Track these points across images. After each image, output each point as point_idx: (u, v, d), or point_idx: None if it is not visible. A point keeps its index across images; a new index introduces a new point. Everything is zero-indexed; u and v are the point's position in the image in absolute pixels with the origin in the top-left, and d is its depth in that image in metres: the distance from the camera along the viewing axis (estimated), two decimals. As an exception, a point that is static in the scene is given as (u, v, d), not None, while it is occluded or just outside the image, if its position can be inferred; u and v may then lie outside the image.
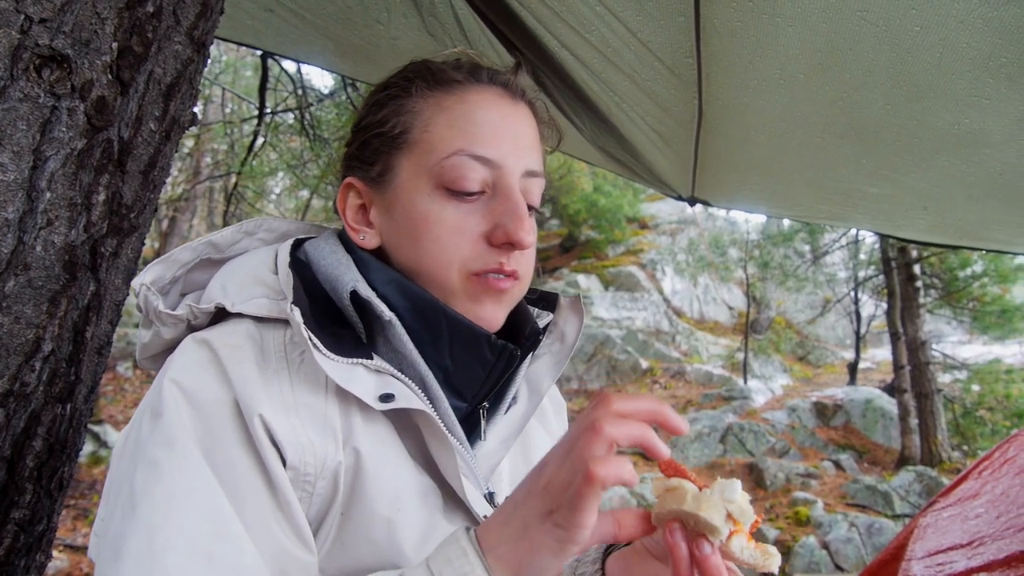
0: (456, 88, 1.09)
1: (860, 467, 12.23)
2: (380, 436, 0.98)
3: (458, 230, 1.03)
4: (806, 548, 8.70)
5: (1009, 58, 1.78)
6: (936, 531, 3.12)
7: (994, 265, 12.02)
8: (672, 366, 18.08)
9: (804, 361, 21.60)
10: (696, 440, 12.08)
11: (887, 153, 2.41)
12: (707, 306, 23.60)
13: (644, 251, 23.43)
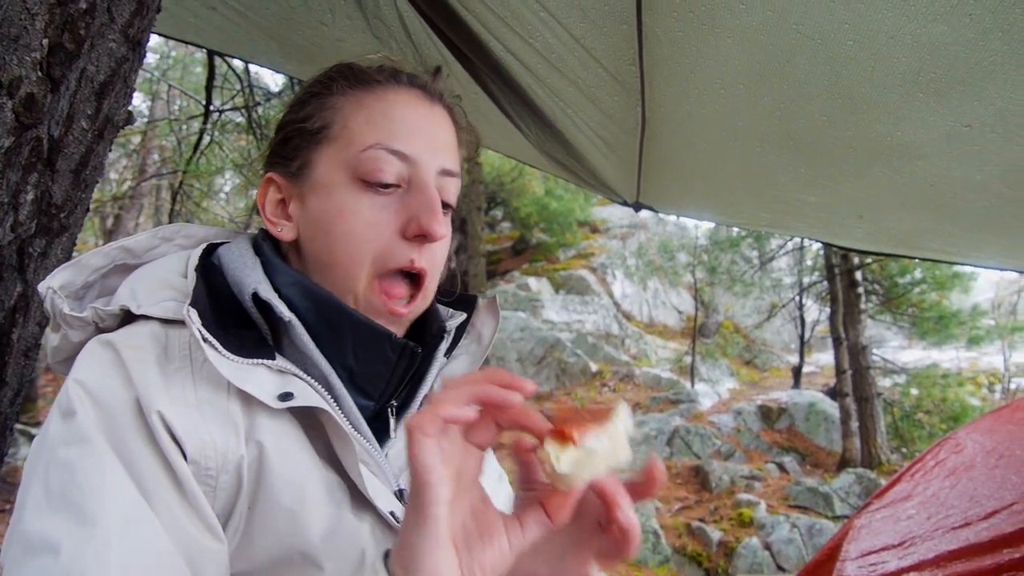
0: (377, 87, 1.12)
1: (803, 469, 12.45)
2: (285, 432, 0.98)
3: (372, 223, 1.05)
4: (749, 549, 8.83)
5: (937, 74, 1.84)
6: (869, 532, 3.19)
7: (932, 273, 12.35)
8: (621, 369, 18.20)
9: (751, 365, 21.91)
10: (643, 443, 12.19)
11: (824, 163, 2.47)
12: (656, 310, 23.81)
13: (595, 255, 23.57)
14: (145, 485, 0.86)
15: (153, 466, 0.87)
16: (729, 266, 15.92)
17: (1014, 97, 1.85)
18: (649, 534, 8.90)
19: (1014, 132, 1.99)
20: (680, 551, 8.93)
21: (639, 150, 2.77)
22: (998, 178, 2.26)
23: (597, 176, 3.15)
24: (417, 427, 0.73)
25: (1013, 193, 2.34)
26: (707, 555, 8.89)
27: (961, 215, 2.61)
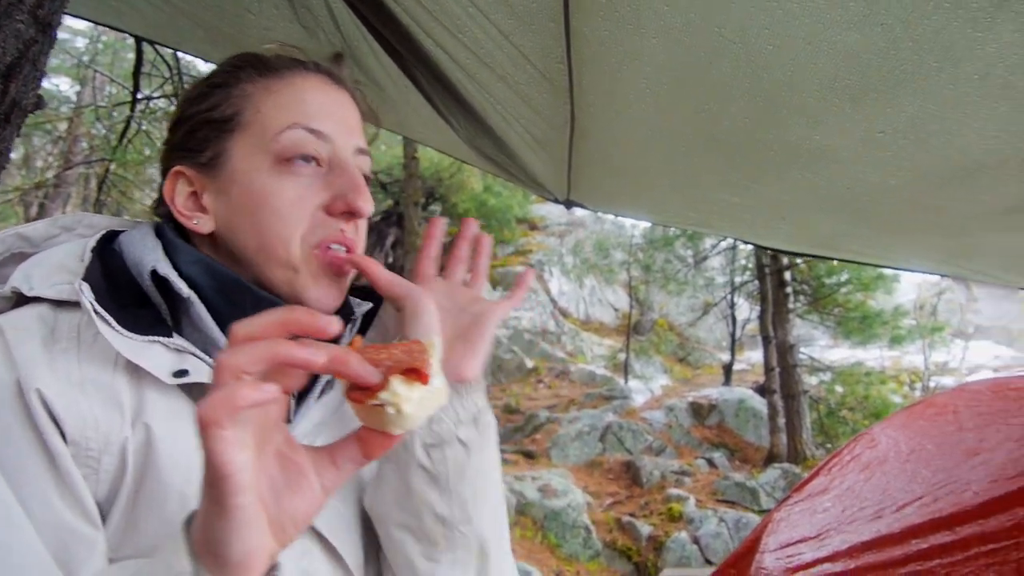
0: (285, 73, 1.12)
1: (732, 465, 12.70)
2: (176, 411, 0.96)
3: (298, 202, 1.05)
4: (678, 543, 8.98)
5: (852, 80, 1.90)
6: (788, 525, 3.28)
7: (857, 274, 12.70)
8: (557, 366, 18.34)
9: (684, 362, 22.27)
10: (576, 439, 12.29)
11: (746, 164, 2.52)
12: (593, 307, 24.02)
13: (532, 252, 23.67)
14: (17, 467, 0.85)
15: (28, 446, 0.86)
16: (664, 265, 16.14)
17: (924, 106, 1.92)
18: (580, 529, 8.99)
19: (924, 140, 2.06)
20: (611, 546, 9.04)
21: (569, 147, 2.79)
22: (910, 184, 2.34)
23: (528, 172, 3.17)
24: (212, 422, 0.64)
25: (925, 198, 2.43)
26: (637, 549, 9.02)
27: (876, 218, 2.69)
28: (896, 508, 2.89)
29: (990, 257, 2.76)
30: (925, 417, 3.40)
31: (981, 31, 1.62)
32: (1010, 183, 2.20)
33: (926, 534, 2.67)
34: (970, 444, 3.00)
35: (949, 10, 1.59)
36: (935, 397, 3.58)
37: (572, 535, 8.86)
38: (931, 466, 3.02)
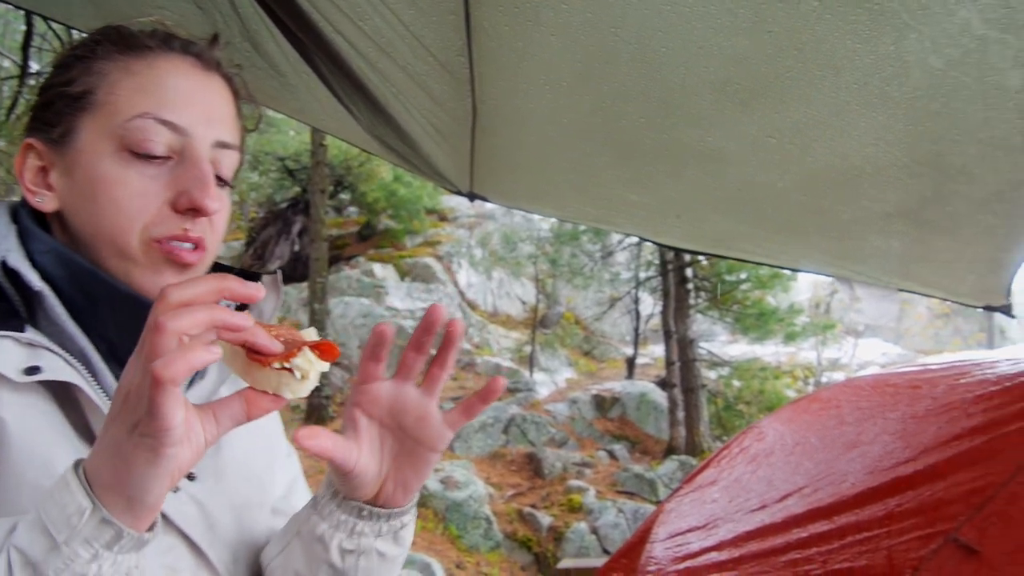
0: (147, 54, 1.06)
1: (632, 457, 12.96)
2: (31, 406, 0.94)
3: (141, 194, 1.00)
4: (577, 534, 9.12)
5: (741, 85, 1.96)
6: (678, 515, 3.37)
7: (755, 272, 13.11)
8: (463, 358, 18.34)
9: (589, 356, 22.56)
10: (480, 431, 12.34)
11: (643, 163, 2.57)
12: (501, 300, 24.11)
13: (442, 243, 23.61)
14: None
15: None
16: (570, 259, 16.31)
17: (808, 112, 1.99)
18: (482, 520, 9.04)
19: (809, 145, 2.14)
20: (511, 536, 9.12)
21: (471, 140, 2.80)
22: (797, 187, 2.43)
23: (431, 164, 3.16)
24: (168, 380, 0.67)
25: (811, 201, 2.53)
26: (537, 540, 9.12)
27: (766, 219, 2.79)
28: (779, 499, 2.99)
29: (871, 259, 2.89)
30: (810, 411, 3.53)
31: (860, 42, 1.69)
32: (887, 190, 2.30)
33: (806, 523, 2.78)
34: (850, 437, 3.13)
35: (831, 21, 1.66)
36: (820, 392, 3.73)
37: (473, 526, 8.90)
38: (813, 458, 3.14)
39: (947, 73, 1.74)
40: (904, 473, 2.71)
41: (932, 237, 2.62)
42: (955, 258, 2.74)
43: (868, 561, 2.50)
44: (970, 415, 2.78)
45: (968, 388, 2.96)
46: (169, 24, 1.13)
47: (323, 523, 1.03)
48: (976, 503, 2.43)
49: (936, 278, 2.95)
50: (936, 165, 2.13)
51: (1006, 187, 2.16)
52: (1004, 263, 2.66)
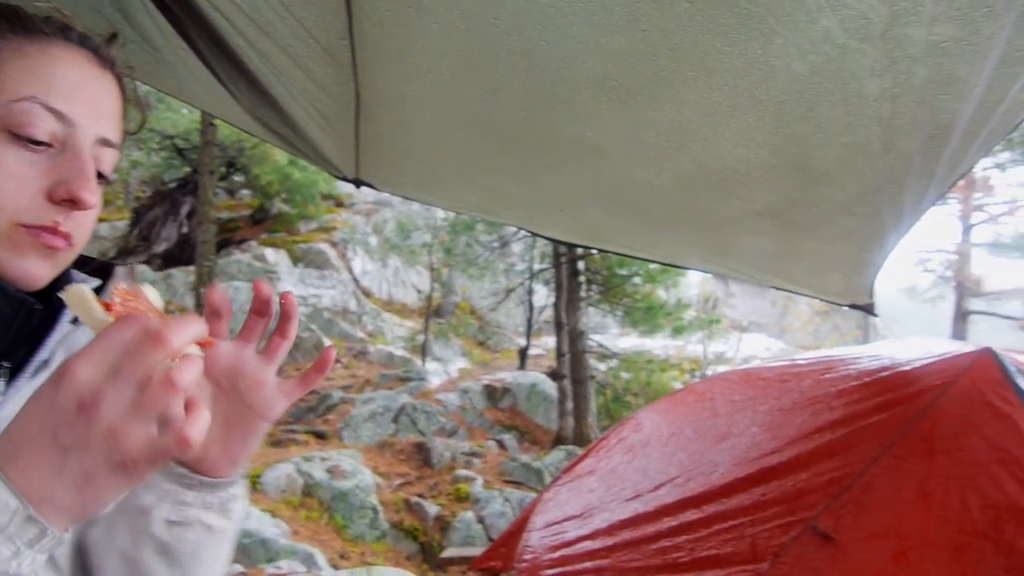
0: (42, 38, 1.01)
1: (521, 447, 13.06)
2: None
3: (16, 177, 0.96)
4: (464, 523, 9.14)
5: (619, 82, 1.99)
6: (555, 504, 3.42)
7: (645, 267, 13.39)
8: (355, 346, 18.15)
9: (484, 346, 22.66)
10: (369, 420, 12.22)
11: (525, 155, 2.59)
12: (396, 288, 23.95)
13: (337, 229, 23.28)
14: None
15: None
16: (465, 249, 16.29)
17: (682, 111, 2.04)
18: (368, 510, 8.96)
19: (684, 144, 2.19)
20: (397, 526, 9.07)
21: (355, 126, 2.76)
22: (673, 184, 2.49)
23: (315, 148, 3.10)
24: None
25: (687, 199, 2.59)
26: (424, 529, 9.10)
27: (645, 215, 2.84)
28: (652, 488, 3.07)
29: (745, 257, 2.98)
30: (686, 403, 3.63)
31: (730, 45, 1.74)
32: (757, 190, 2.38)
33: (676, 512, 2.86)
34: (722, 429, 3.24)
35: (702, 23, 1.69)
36: (696, 385, 3.84)
37: (359, 516, 8.81)
38: (687, 449, 3.24)
39: (811, 79, 1.81)
40: (770, 464, 2.82)
41: (800, 237, 2.72)
42: (821, 258, 2.85)
43: (733, 548, 2.59)
44: (832, 409, 2.91)
45: (832, 383, 3.09)
46: (67, 14, 1.09)
47: (148, 494, 0.99)
48: (834, 492, 2.55)
49: (805, 276, 3.06)
50: (802, 167, 2.21)
51: (866, 191, 2.26)
52: (866, 264, 2.78)
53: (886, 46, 1.67)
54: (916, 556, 2.30)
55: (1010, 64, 1.74)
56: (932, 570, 2.26)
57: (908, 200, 2.30)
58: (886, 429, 2.67)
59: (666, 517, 2.88)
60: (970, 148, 2.07)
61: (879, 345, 3.40)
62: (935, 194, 2.30)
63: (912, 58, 1.71)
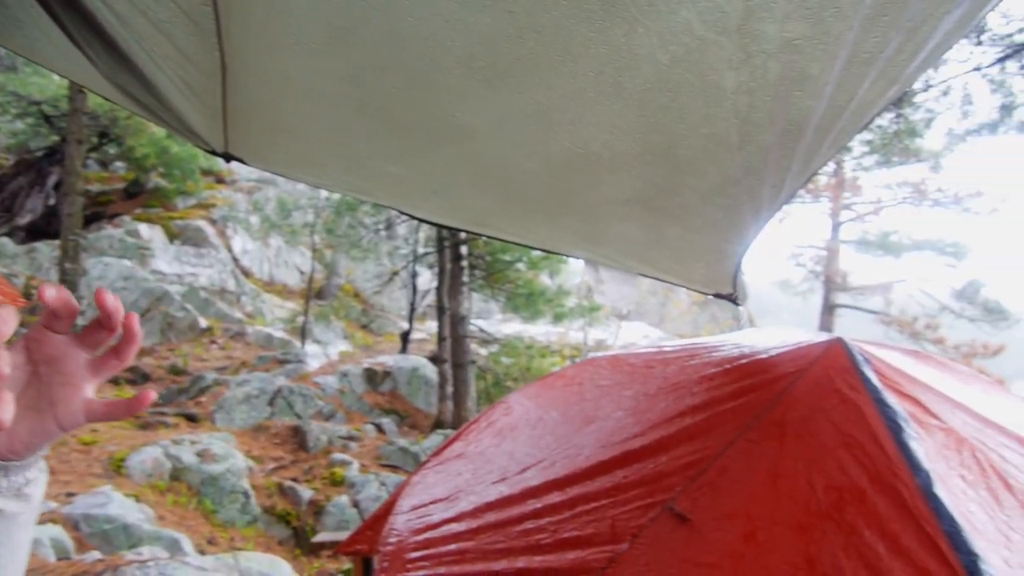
0: None
1: (400, 430, 13.01)
2: None
3: None
4: (338, 507, 9.04)
5: (486, 63, 1.98)
6: (423, 487, 3.40)
7: (528, 254, 13.51)
8: (233, 327, 17.69)
9: (367, 329, 22.44)
10: (244, 402, 11.93)
11: (399, 135, 2.55)
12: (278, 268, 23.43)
13: (216, 206, 22.57)
14: None
15: None
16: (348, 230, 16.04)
17: (549, 95, 2.04)
18: (239, 495, 8.75)
19: (552, 128, 2.20)
20: (270, 511, 8.89)
21: (222, 98, 2.66)
22: (544, 169, 2.49)
23: (181, 119, 2.97)
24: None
25: (558, 184, 2.60)
26: (297, 514, 8.95)
27: (519, 200, 2.84)
28: (519, 471, 3.09)
29: (613, 243, 3.02)
30: (555, 388, 3.67)
31: (594, 31, 1.75)
32: (624, 177, 2.41)
33: (541, 495, 2.88)
34: (588, 413, 3.28)
35: (567, 7, 1.70)
36: (566, 370, 3.88)
37: (230, 501, 8.59)
38: (554, 433, 3.27)
39: (672, 69, 1.84)
40: (632, 447, 2.87)
41: (666, 225, 2.78)
42: (686, 246, 2.92)
43: (594, 529, 2.63)
44: (693, 394, 2.99)
45: (695, 369, 3.18)
46: None
47: None
48: (691, 475, 2.62)
49: (671, 264, 3.13)
50: (666, 156, 2.25)
51: (727, 182, 2.32)
52: (728, 254, 2.86)
53: (742, 40, 1.71)
54: (765, 535, 2.39)
55: (858, 64, 1.81)
56: (779, 548, 2.34)
57: (766, 193, 2.38)
58: (742, 414, 2.76)
59: (531, 499, 2.90)
60: (823, 144, 2.15)
61: (741, 334, 3.51)
62: (792, 188, 2.38)
63: (767, 54, 1.75)
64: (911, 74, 1.93)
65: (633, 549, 2.49)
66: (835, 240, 23.35)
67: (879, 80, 1.90)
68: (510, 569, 2.67)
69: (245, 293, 20.62)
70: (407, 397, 14.45)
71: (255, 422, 11.52)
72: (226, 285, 20.07)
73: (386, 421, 12.84)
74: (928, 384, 2.95)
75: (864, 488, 2.37)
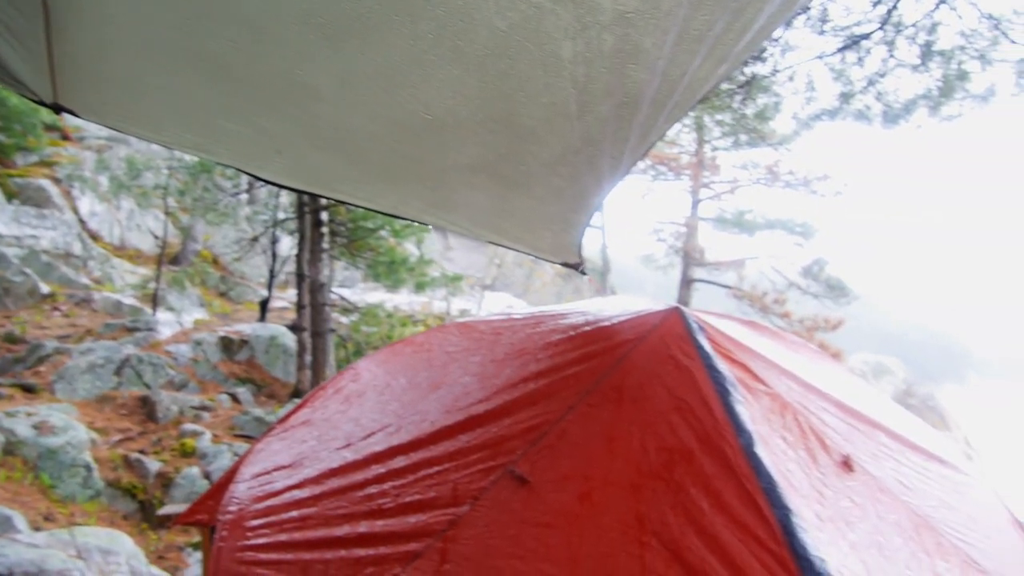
0: None
1: (256, 400, 12.70)
2: None
3: None
4: (188, 479, 8.76)
5: (327, 19, 1.93)
6: (267, 454, 3.35)
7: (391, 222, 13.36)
8: (78, 293, 16.76)
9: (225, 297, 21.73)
10: (88, 371, 11.34)
11: (238, 91, 2.47)
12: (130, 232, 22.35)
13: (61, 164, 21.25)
14: None
15: None
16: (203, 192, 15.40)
17: (390, 57, 2.02)
18: (80, 468, 8.34)
19: (394, 91, 2.18)
20: (114, 484, 8.52)
21: (47, 43, 2.50)
22: (388, 132, 2.47)
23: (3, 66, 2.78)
24: None
25: (402, 148, 2.59)
26: (143, 487, 8.61)
27: (364, 162, 2.81)
28: (364, 437, 3.08)
29: (461, 210, 3.04)
30: (404, 354, 3.67)
31: (432, -7, 1.74)
32: (468, 143, 2.42)
33: (385, 460, 2.88)
34: (436, 379, 3.30)
35: (400, -33, 1.68)
36: (415, 336, 3.88)
37: (70, 475, 8.17)
38: (401, 399, 3.27)
39: (511, 36, 1.85)
40: (477, 412, 2.91)
41: (512, 194, 2.81)
42: (534, 215, 2.97)
43: (436, 493, 2.65)
44: (538, 360, 3.05)
45: (541, 336, 3.24)
46: None
47: None
48: (532, 439, 2.68)
49: (520, 233, 3.18)
50: (508, 124, 2.27)
51: (568, 151, 2.36)
52: (573, 223, 2.93)
53: (577, 10, 1.74)
54: (599, 496, 2.47)
55: (688, 41, 1.88)
56: (612, 508, 2.42)
57: (606, 164, 2.44)
58: (583, 379, 2.83)
59: (375, 465, 2.90)
60: (659, 118, 2.22)
61: (587, 302, 3.60)
62: (631, 160, 2.45)
63: (601, 25, 1.79)
64: (739, 53, 2.01)
65: (473, 511, 2.53)
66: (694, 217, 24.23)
67: (709, 58, 1.97)
68: (352, 534, 2.66)
69: (93, 257, 19.57)
70: (265, 366, 14.11)
71: (100, 392, 10.97)
72: (71, 249, 18.99)
73: (242, 391, 12.50)
74: (758, 352, 3.10)
75: (693, 449, 2.49)
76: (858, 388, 3.76)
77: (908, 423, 3.58)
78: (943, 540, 2.81)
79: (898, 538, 2.67)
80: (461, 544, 2.43)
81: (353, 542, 2.61)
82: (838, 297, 22.06)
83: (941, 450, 3.48)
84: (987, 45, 8.70)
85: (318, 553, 2.65)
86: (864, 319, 42.88)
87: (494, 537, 2.42)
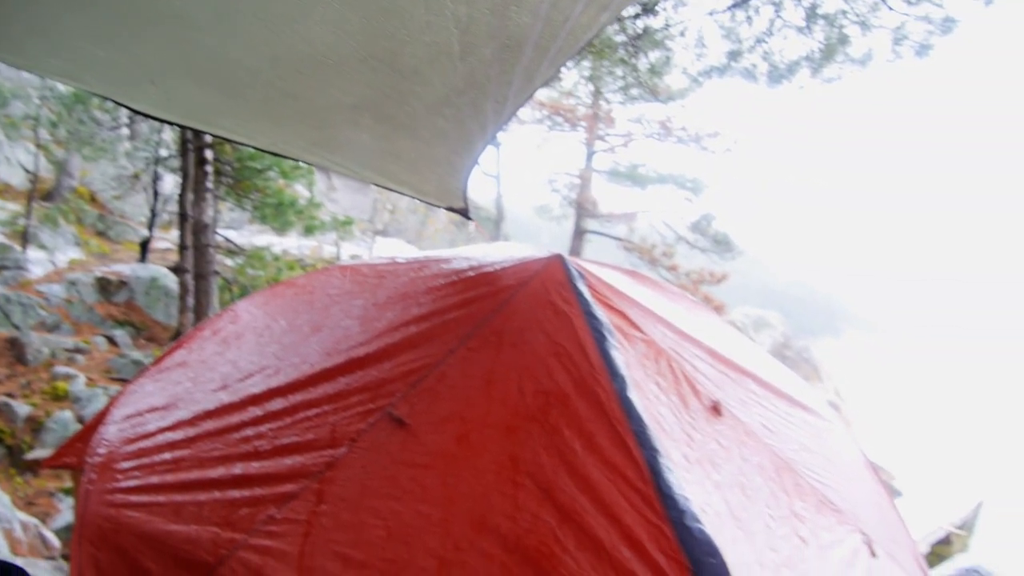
0: None
1: (136, 343, 12.30)
2: None
3: None
4: (60, 423, 8.45)
5: (199, -57, 1.85)
6: (139, 396, 3.26)
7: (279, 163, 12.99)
8: (-62, 228, 15.79)
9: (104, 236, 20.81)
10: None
11: (104, 15, 2.33)
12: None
13: (-81, 89, 19.77)
14: None
15: None
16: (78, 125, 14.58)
17: (269, -13, 1.95)
18: (-60, 413, 7.94)
19: (274, 24, 2.11)
20: (-22, 428, 8.16)
21: None
22: (269, 67, 2.40)
23: None
24: None
25: (283, 84, 2.51)
26: (11, 432, 8.27)
27: (244, 98, 2.72)
28: (241, 379, 3.03)
29: (345, 151, 2.98)
30: (285, 296, 3.61)
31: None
32: (351, 81, 2.37)
33: (263, 402, 2.85)
34: (317, 321, 3.27)
35: None
36: (297, 278, 3.82)
37: None
38: (280, 341, 3.23)
39: (392, -29, 1.82)
40: (357, 355, 2.90)
41: (396, 135, 2.77)
42: (419, 158, 2.94)
43: (314, 435, 2.64)
44: (420, 304, 3.05)
45: (424, 280, 3.24)
46: None
47: None
48: (412, 381, 2.69)
49: (406, 176, 3.14)
50: (391, 63, 2.23)
51: (452, 93, 2.35)
52: (458, 167, 2.92)
53: (460, -52, 1.72)
54: (476, 437, 2.51)
55: (571, -14, 1.88)
56: (488, 449, 2.47)
57: (490, 107, 2.43)
58: (465, 324, 2.85)
59: (252, 407, 2.86)
60: (542, 63, 2.23)
61: (471, 248, 3.61)
62: (515, 104, 2.46)
63: (484, -36, 1.78)
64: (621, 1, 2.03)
65: (351, 453, 2.53)
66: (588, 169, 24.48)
67: (592, 4, 1.98)
68: (227, 476, 2.63)
69: (-46, 191, 18.44)
70: (145, 308, 13.63)
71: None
72: (-70, 181, 17.83)
73: (119, 333, 12.06)
74: (637, 300, 3.18)
75: (568, 393, 2.55)
76: (733, 338, 3.91)
77: (777, 372, 3.75)
78: (802, 481, 2.98)
79: (760, 478, 2.82)
80: (338, 485, 2.44)
81: (228, 484, 2.58)
82: (724, 252, 22.76)
83: (806, 398, 3.67)
84: (867, 11, 9.02)
85: (191, 495, 2.61)
86: (749, 275, 44.48)
87: (371, 478, 2.43)
